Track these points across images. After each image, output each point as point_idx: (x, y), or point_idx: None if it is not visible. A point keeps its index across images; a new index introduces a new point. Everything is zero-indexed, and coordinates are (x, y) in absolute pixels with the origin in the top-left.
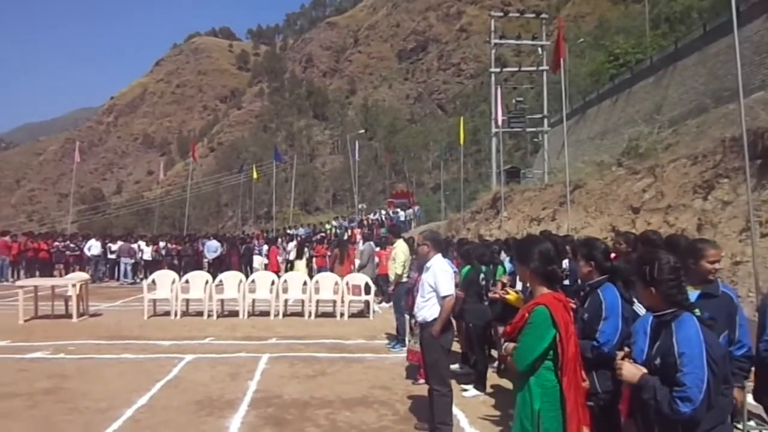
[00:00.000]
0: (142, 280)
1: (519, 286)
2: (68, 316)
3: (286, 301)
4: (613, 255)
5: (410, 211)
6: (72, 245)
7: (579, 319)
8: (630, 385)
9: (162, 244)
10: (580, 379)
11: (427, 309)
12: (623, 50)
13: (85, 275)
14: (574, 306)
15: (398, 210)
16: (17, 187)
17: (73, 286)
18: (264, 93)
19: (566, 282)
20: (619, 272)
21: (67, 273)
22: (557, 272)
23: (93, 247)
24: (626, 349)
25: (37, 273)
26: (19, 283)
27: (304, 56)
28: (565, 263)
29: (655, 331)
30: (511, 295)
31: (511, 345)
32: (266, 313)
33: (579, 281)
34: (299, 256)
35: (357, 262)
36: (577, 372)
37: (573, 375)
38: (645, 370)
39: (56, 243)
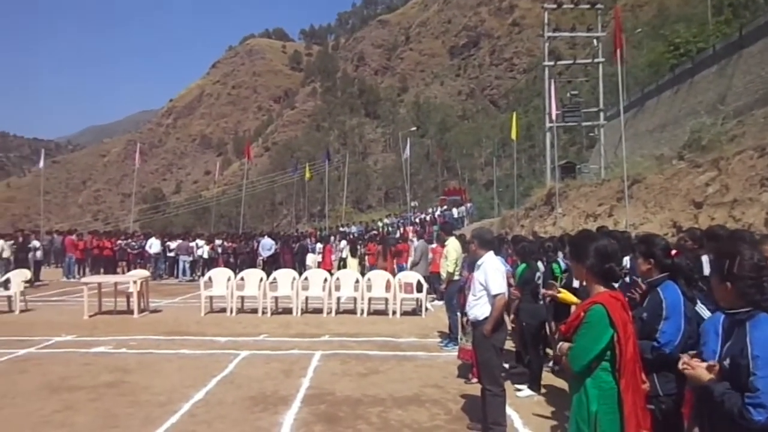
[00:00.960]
0: (199, 277)
1: (576, 284)
2: (130, 312)
3: (338, 298)
4: (673, 252)
5: (463, 208)
6: (134, 243)
7: (637, 319)
8: (695, 387)
9: (218, 242)
10: (639, 381)
11: (479, 307)
12: (684, 39)
13: (145, 272)
14: (635, 296)
15: (450, 207)
16: (83, 188)
17: (135, 283)
18: (316, 92)
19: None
20: (681, 269)
21: (129, 270)
22: (615, 270)
23: (153, 245)
24: (692, 352)
25: (101, 270)
26: (84, 279)
27: (355, 55)
28: (626, 261)
29: (726, 331)
30: (564, 294)
31: (566, 345)
32: (319, 311)
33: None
34: (352, 254)
35: (410, 259)
36: (636, 374)
37: (631, 377)
38: (713, 374)
39: (119, 241)
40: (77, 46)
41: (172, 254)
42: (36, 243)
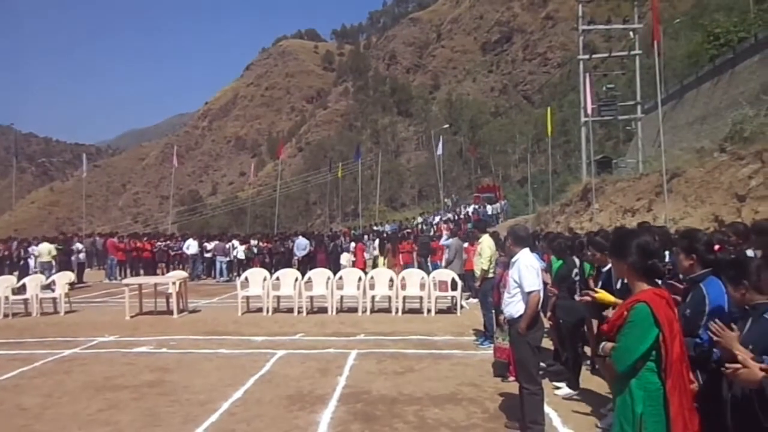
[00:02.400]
0: (236, 277)
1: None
2: (169, 312)
3: (373, 297)
4: (716, 247)
5: (497, 205)
6: (172, 245)
7: (681, 316)
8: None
9: (254, 242)
10: (686, 381)
11: (514, 305)
12: (724, 29)
13: (184, 273)
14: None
15: (483, 204)
16: (123, 191)
17: (174, 284)
18: (349, 92)
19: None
20: (724, 265)
21: (168, 272)
22: (658, 266)
23: (191, 246)
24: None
25: (141, 272)
26: (125, 281)
27: (387, 54)
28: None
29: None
30: (601, 294)
31: (609, 345)
32: (354, 310)
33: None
34: (382, 252)
35: (445, 257)
36: (684, 374)
37: (678, 377)
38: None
39: (158, 243)
40: (114, 51)
41: (209, 255)
42: (79, 245)
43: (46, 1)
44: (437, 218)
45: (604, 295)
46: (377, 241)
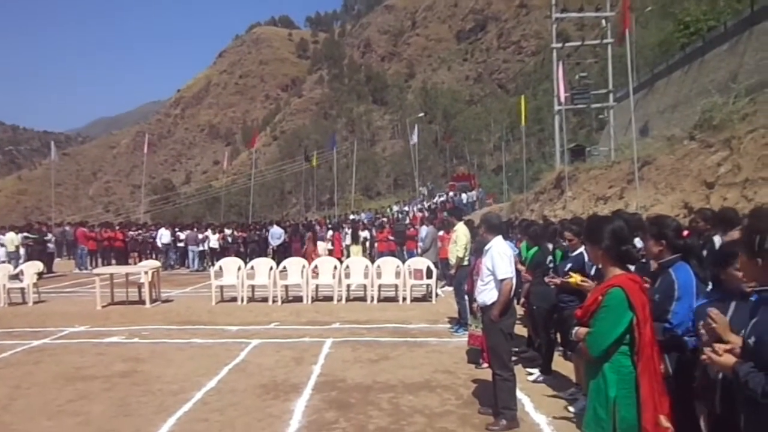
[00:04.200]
0: (210, 266)
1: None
2: (142, 302)
3: (348, 286)
4: (685, 232)
5: (472, 193)
6: (145, 234)
7: (650, 300)
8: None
9: (228, 231)
10: (656, 364)
11: (487, 293)
12: (694, 17)
13: (156, 263)
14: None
15: (459, 193)
16: (94, 179)
17: (146, 273)
18: (324, 80)
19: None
20: (693, 250)
21: (140, 261)
22: (632, 252)
23: (163, 236)
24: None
25: (113, 261)
26: (96, 271)
27: (362, 41)
28: (638, 242)
29: (752, 309)
30: (574, 278)
31: (583, 330)
32: (329, 298)
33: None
34: (355, 240)
35: (420, 245)
36: (654, 357)
37: (649, 360)
38: (735, 357)
39: (130, 232)
40: (83, 37)
41: (182, 244)
42: (48, 235)
43: None
44: (413, 207)
45: (574, 279)
46: (350, 230)
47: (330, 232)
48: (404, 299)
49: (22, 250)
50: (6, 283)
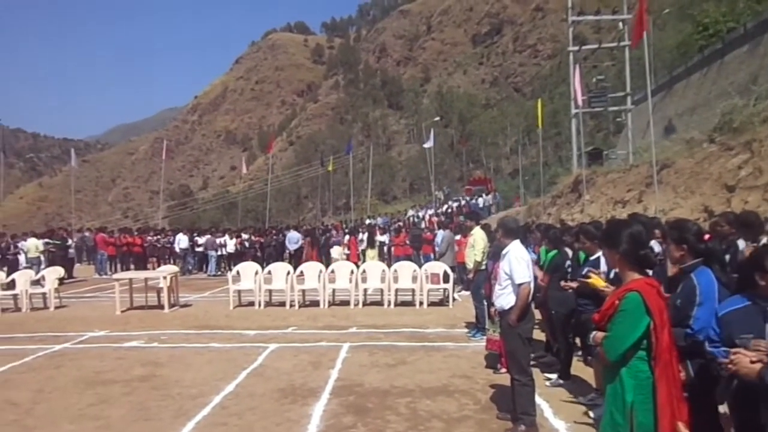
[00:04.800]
0: (227, 271)
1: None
2: (160, 306)
3: (365, 290)
4: (706, 236)
5: (489, 197)
6: (163, 239)
7: (671, 306)
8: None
9: (245, 236)
10: (675, 370)
11: (504, 297)
12: (713, 19)
13: (174, 268)
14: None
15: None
16: (113, 186)
17: (164, 278)
18: (339, 85)
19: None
20: (715, 254)
21: (159, 266)
22: (650, 256)
23: (181, 241)
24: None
25: (132, 266)
26: (115, 276)
27: (377, 46)
28: (656, 246)
29: None
30: (595, 279)
31: (600, 334)
32: (346, 303)
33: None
34: (371, 245)
35: (437, 249)
36: (672, 363)
37: (667, 366)
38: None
39: (149, 238)
40: (102, 45)
41: (200, 249)
42: (69, 241)
43: None
44: (428, 211)
45: (596, 280)
46: (366, 234)
47: (346, 237)
48: (421, 303)
49: (43, 256)
50: (28, 288)
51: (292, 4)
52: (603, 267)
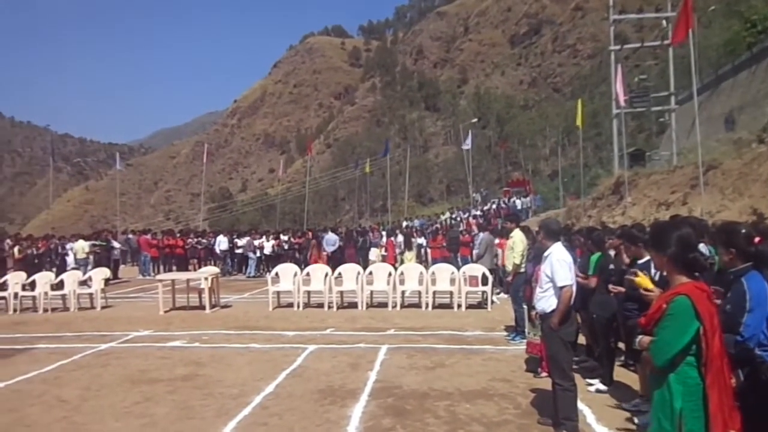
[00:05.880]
0: (265, 273)
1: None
2: (202, 307)
3: (403, 292)
4: (756, 239)
5: (528, 199)
6: (204, 241)
7: (721, 311)
8: None
9: (284, 238)
10: (727, 378)
11: (546, 300)
12: (762, 15)
13: (215, 269)
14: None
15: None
16: (155, 188)
17: (206, 279)
18: (376, 88)
19: None
20: (766, 258)
21: (200, 267)
22: (699, 260)
23: (221, 242)
24: None
25: (174, 268)
26: (158, 277)
27: (414, 48)
28: (704, 249)
29: None
30: (642, 278)
31: (647, 339)
32: (384, 305)
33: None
34: (408, 247)
35: (475, 252)
36: (723, 370)
37: (718, 373)
38: None
39: (190, 240)
40: (146, 53)
41: (240, 251)
42: (114, 243)
43: (79, 7)
44: (466, 213)
45: (643, 279)
46: (399, 237)
47: (383, 239)
48: (459, 306)
49: (90, 257)
50: (76, 288)
51: (329, 8)
52: (653, 271)
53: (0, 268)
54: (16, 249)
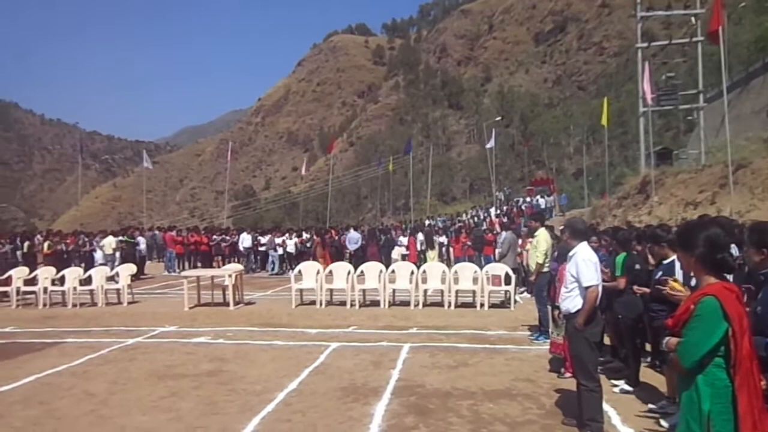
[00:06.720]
0: (288, 270)
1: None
2: (226, 304)
3: (425, 291)
4: None
5: (551, 198)
6: (228, 238)
7: (751, 313)
8: None
9: (306, 236)
10: (756, 380)
11: (570, 300)
12: None
13: (239, 266)
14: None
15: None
16: (180, 186)
17: (230, 276)
18: (399, 86)
19: None
20: None
21: (224, 264)
22: (728, 260)
23: (245, 240)
24: None
25: (199, 264)
26: (184, 273)
27: (437, 46)
28: (734, 250)
29: None
30: (676, 283)
31: (674, 340)
32: (406, 303)
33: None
34: (430, 245)
35: (498, 251)
36: (753, 372)
37: (747, 375)
38: None
39: (214, 237)
40: (170, 53)
41: (263, 248)
42: (140, 239)
43: (107, 9)
44: (489, 211)
45: (677, 284)
46: (420, 235)
47: (405, 237)
48: (482, 305)
49: (117, 253)
50: (104, 284)
51: (353, 6)
52: (678, 271)
53: (30, 263)
54: (45, 244)
